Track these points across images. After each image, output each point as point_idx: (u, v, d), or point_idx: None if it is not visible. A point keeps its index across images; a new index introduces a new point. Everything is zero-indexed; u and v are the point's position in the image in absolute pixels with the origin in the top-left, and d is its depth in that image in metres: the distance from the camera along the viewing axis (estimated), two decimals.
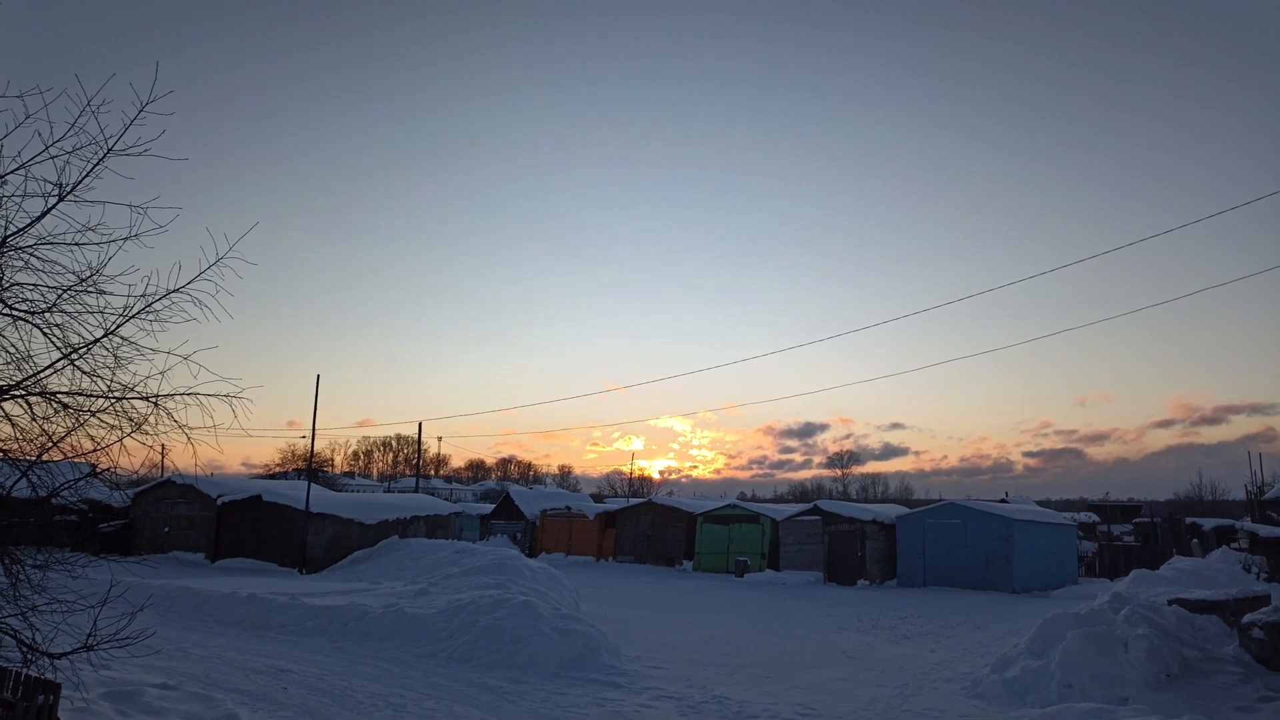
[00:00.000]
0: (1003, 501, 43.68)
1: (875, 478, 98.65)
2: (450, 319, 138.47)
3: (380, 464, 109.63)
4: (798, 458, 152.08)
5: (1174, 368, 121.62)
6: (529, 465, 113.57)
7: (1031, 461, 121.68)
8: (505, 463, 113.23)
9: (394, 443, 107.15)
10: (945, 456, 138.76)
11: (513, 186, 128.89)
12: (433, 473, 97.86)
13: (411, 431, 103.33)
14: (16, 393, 6.51)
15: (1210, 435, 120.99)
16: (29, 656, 6.60)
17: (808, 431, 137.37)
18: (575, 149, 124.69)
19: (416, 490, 52.31)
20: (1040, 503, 50.94)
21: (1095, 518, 49.18)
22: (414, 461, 75.85)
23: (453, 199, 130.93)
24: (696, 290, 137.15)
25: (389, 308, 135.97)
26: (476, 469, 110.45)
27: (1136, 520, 45.57)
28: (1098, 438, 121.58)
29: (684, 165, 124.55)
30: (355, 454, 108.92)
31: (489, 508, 45.96)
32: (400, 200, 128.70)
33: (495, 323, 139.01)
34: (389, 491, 65.99)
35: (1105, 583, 26.80)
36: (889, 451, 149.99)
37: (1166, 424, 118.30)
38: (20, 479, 6.65)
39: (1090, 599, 14.53)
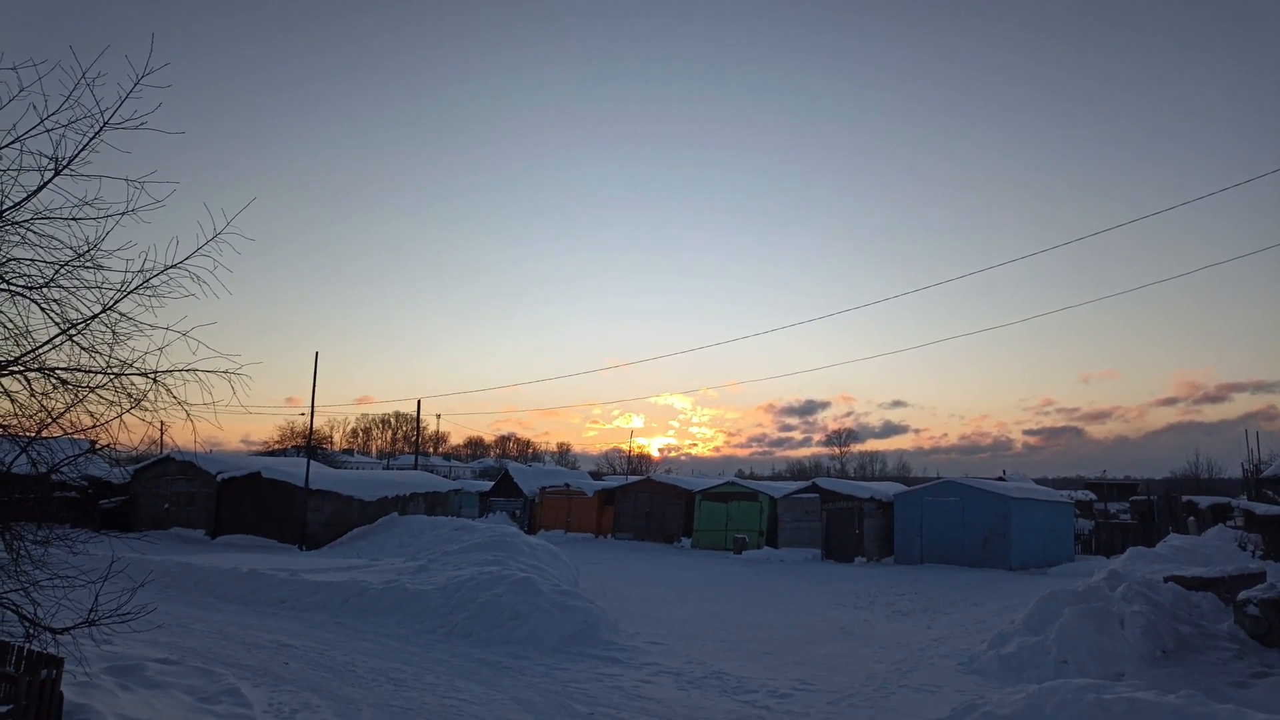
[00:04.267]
0: (1000, 480, 43.85)
1: (873, 455, 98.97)
2: (450, 296, 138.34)
3: (379, 441, 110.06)
4: (797, 435, 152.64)
5: (1179, 345, 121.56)
6: (528, 443, 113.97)
7: (1031, 439, 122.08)
8: (504, 440, 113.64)
9: (393, 420, 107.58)
10: (945, 434, 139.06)
11: (513, 165, 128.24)
12: (432, 450, 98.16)
13: (410, 409, 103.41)
14: (15, 369, 6.50)
15: (1212, 413, 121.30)
16: (31, 631, 6.63)
17: (809, 409, 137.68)
18: (576, 127, 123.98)
19: (416, 467, 52.41)
20: (1038, 481, 51.17)
21: (1093, 495, 49.40)
22: (413, 439, 75.92)
23: (453, 177, 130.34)
24: (699, 267, 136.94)
25: (388, 285, 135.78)
26: (475, 446, 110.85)
27: (1133, 498, 45.75)
28: (1099, 415, 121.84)
29: (684, 144, 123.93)
30: (354, 431, 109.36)
31: (488, 485, 46.10)
32: (400, 177, 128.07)
33: (495, 300, 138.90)
34: (388, 469, 66.20)
35: (1102, 560, 26.96)
36: (889, 429, 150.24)
37: (1169, 402, 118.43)
38: (20, 455, 6.65)
39: (1087, 576, 14.63)
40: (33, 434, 6.62)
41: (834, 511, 31.26)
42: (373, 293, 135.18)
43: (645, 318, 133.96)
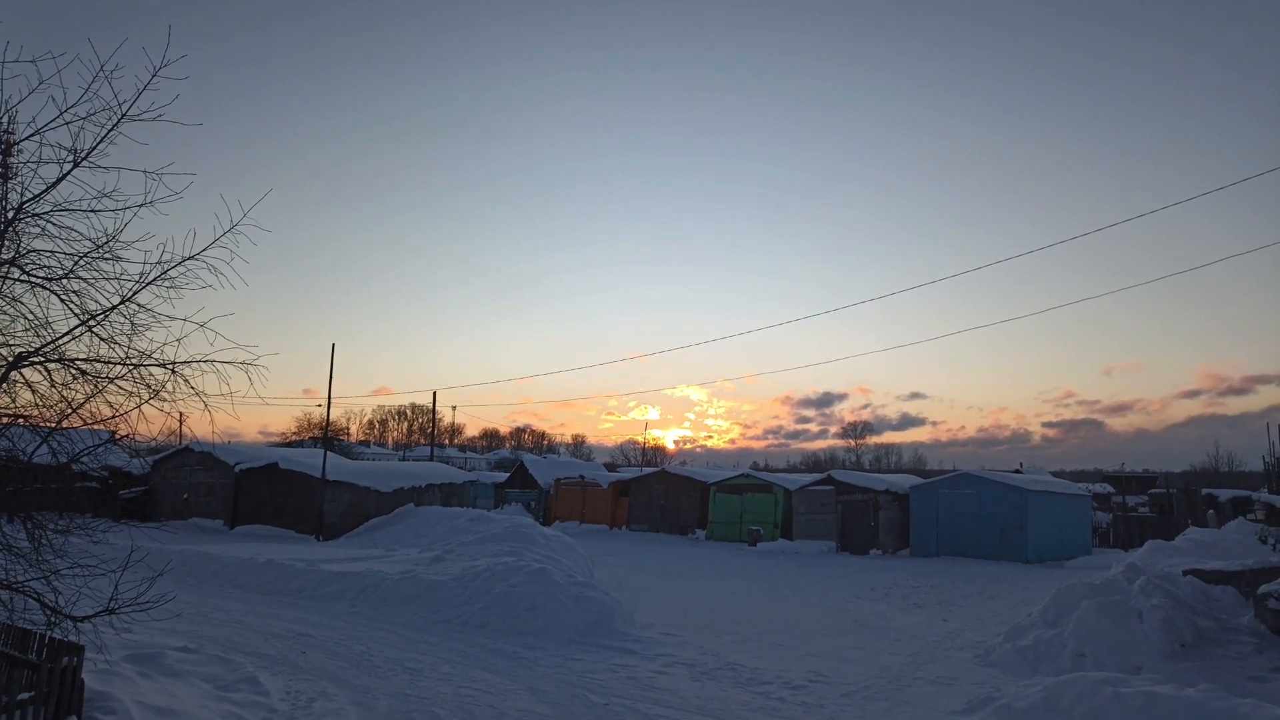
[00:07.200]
0: (1017, 472, 43.56)
1: (889, 448, 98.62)
2: (466, 289, 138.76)
3: (396, 433, 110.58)
4: (814, 428, 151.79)
5: (1207, 337, 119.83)
6: (543, 434, 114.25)
7: (1050, 432, 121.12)
8: (520, 432, 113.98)
9: (409, 411, 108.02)
10: (963, 427, 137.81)
11: (528, 156, 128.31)
12: (448, 441, 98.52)
13: (427, 400, 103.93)
14: (36, 359, 6.55)
15: (1235, 406, 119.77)
16: (53, 619, 6.70)
17: (826, 401, 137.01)
18: (590, 117, 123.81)
19: (432, 459, 52.66)
20: (1055, 473, 50.76)
21: (1111, 489, 49.08)
22: (429, 430, 76.31)
23: (468, 168, 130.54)
24: (716, 260, 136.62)
25: (405, 276, 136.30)
26: (491, 438, 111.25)
27: (1152, 491, 45.44)
28: (1120, 408, 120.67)
29: (700, 134, 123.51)
30: (371, 423, 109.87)
31: (503, 476, 46.25)
32: (415, 169, 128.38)
33: (511, 292, 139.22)
34: (404, 460, 66.52)
35: (1120, 553, 26.70)
36: (906, 421, 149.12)
37: (1193, 394, 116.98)
38: (41, 445, 6.71)
39: (1105, 569, 14.50)
40: (53, 424, 6.68)
41: (849, 504, 31.19)
42: (389, 285, 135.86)
43: (662, 310, 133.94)
